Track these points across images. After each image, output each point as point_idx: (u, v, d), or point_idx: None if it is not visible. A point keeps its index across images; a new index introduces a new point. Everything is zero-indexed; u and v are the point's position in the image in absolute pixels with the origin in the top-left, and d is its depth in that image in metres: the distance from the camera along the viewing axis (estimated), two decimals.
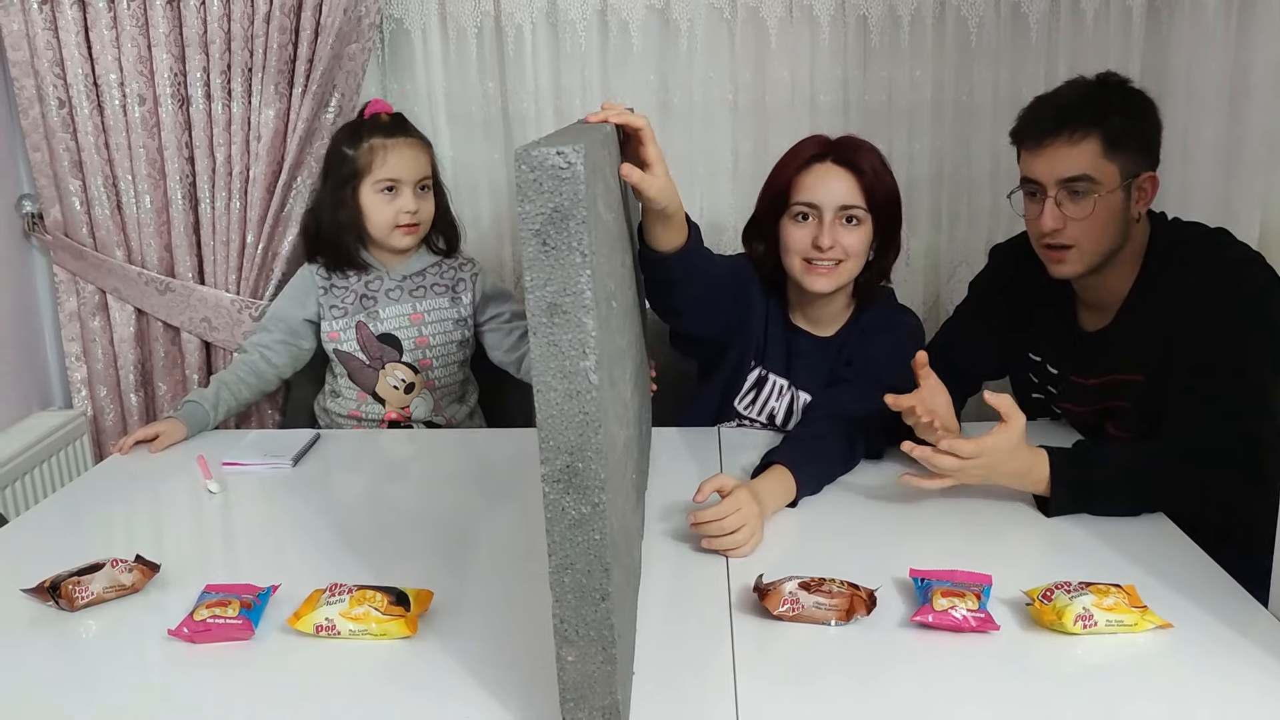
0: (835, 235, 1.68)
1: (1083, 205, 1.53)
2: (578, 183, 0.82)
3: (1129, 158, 1.54)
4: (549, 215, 0.83)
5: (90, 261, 2.26)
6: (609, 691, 0.93)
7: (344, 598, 1.16)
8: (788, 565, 1.25)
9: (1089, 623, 1.13)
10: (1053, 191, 1.55)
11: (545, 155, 0.82)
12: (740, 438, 1.79)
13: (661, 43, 2.32)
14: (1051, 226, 1.55)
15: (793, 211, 1.71)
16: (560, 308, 0.85)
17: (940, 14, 2.28)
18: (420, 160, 2.00)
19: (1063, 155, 1.53)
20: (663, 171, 1.36)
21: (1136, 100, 1.58)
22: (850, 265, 1.72)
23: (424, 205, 2.01)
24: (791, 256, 1.73)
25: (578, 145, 0.82)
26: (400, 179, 1.97)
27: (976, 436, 1.39)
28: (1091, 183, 1.52)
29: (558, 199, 0.82)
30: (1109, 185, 1.53)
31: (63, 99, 2.17)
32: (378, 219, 1.99)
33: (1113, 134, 1.52)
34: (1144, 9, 2.24)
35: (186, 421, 1.84)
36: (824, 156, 1.72)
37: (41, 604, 1.24)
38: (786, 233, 1.73)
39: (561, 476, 0.88)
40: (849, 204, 1.69)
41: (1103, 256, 1.58)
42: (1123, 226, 1.56)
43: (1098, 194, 1.52)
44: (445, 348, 2.07)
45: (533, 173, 0.82)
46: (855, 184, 1.69)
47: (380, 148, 1.96)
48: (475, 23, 2.32)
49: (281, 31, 2.11)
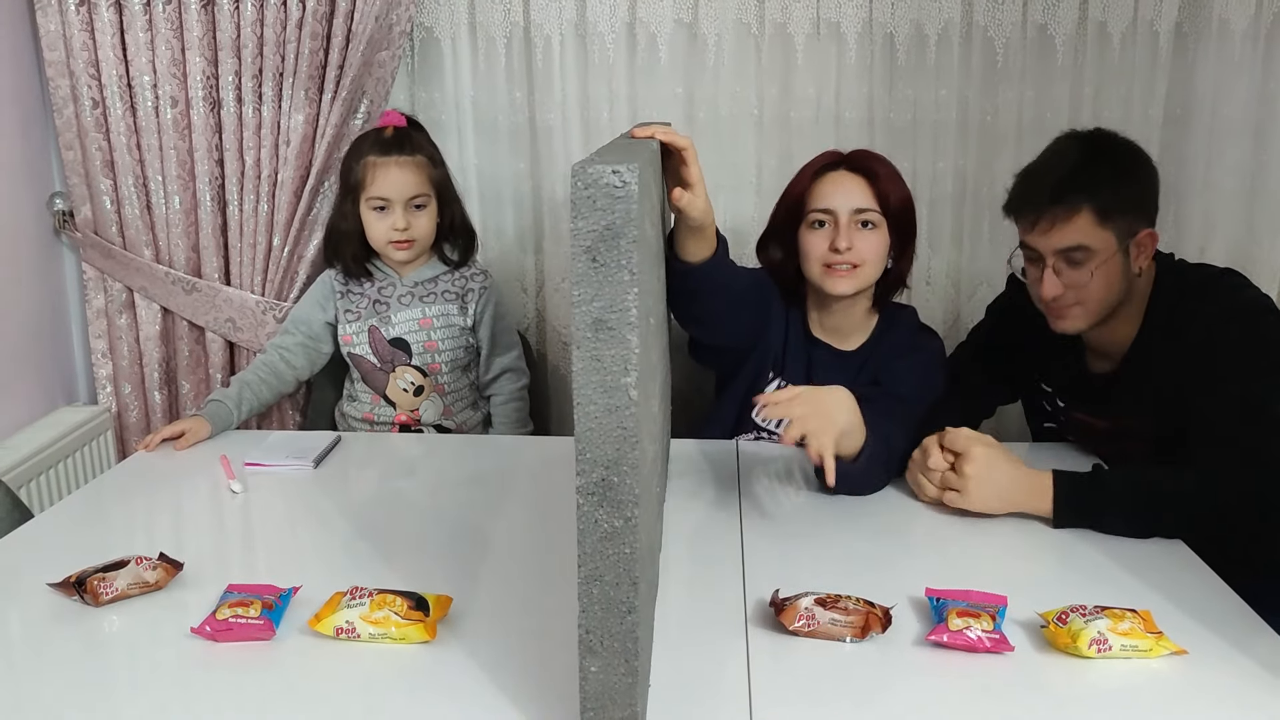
0: (851, 238, 1.70)
1: (1081, 273, 1.54)
2: (631, 202, 0.83)
3: (1124, 222, 1.53)
4: (601, 233, 0.84)
5: (118, 260, 2.29)
6: (629, 703, 0.94)
7: (364, 601, 1.17)
8: (804, 581, 1.26)
9: (1104, 647, 1.13)
10: (1050, 261, 1.55)
11: (601, 173, 0.83)
12: (759, 450, 1.79)
13: (689, 56, 2.34)
14: (1051, 294, 1.56)
15: (809, 219, 1.74)
16: (606, 324, 0.85)
17: (967, 34, 2.29)
18: (412, 180, 1.99)
19: (1056, 230, 1.53)
20: (703, 191, 1.41)
21: (1126, 162, 1.57)
22: (868, 270, 1.73)
23: (417, 222, 2.02)
24: (811, 263, 1.75)
25: (633, 165, 0.83)
26: (390, 198, 1.98)
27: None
28: (1088, 252, 1.52)
29: (611, 217, 0.83)
30: (1106, 253, 1.52)
31: (96, 99, 2.20)
32: (373, 234, 2.02)
33: (1105, 204, 1.51)
34: (1171, 33, 2.24)
35: (211, 420, 1.86)
36: (837, 165, 1.75)
37: (66, 598, 1.26)
38: (805, 241, 1.75)
39: (596, 490, 0.89)
40: (863, 207, 1.71)
41: (1105, 312, 1.58)
42: (1124, 284, 1.57)
43: (1094, 262, 1.52)
44: (453, 353, 2.09)
45: (587, 190, 0.83)
46: (868, 188, 1.72)
47: (372, 165, 1.98)
48: (505, 33, 2.34)
49: (313, 37, 2.14)
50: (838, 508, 1.55)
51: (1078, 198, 1.51)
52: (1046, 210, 1.53)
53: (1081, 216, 1.51)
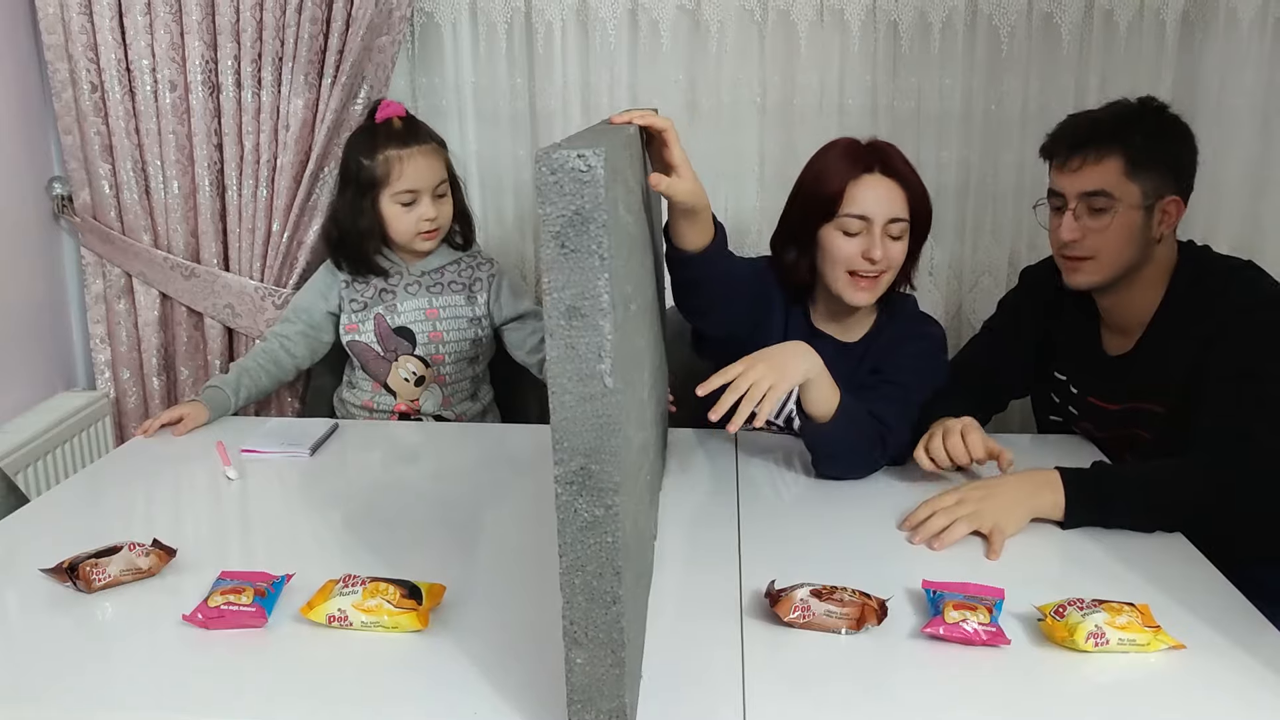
0: (885, 247, 1.67)
1: (1101, 219, 1.56)
2: (598, 186, 0.82)
3: (1153, 179, 1.55)
4: (569, 218, 0.83)
5: (117, 245, 2.28)
6: (617, 695, 0.93)
7: (357, 589, 1.17)
8: (800, 572, 1.25)
9: (1101, 640, 1.12)
10: (1073, 204, 1.58)
11: (565, 158, 0.82)
12: (758, 440, 1.79)
13: (691, 43, 2.32)
14: (1068, 238, 1.59)
15: (842, 223, 1.67)
16: (579, 311, 0.84)
17: (972, 22, 2.27)
18: (435, 166, 1.99)
19: (1085, 171, 1.56)
20: (689, 173, 1.37)
21: (1169, 124, 1.59)
22: (889, 276, 1.71)
23: (443, 210, 2.01)
24: (836, 268, 1.69)
25: (598, 148, 0.82)
26: (419, 189, 1.97)
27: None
28: (1110, 199, 1.55)
29: (578, 202, 0.82)
30: (1129, 203, 1.55)
31: (95, 83, 2.19)
32: (399, 227, 1.99)
33: (1136, 154, 1.54)
34: (1178, 22, 2.22)
35: (209, 405, 1.86)
36: (871, 167, 1.69)
37: (60, 584, 1.25)
38: (832, 243, 1.69)
39: (575, 479, 0.88)
40: (899, 216, 1.67)
41: (1119, 270, 1.59)
42: (1142, 245, 1.58)
43: (1116, 210, 1.55)
44: (458, 345, 2.08)
45: (553, 175, 0.82)
46: (903, 196, 1.68)
47: (396, 159, 1.94)
48: (505, 18, 2.33)
49: (313, 22, 2.12)
50: (836, 499, 1.54)
51: (1112, 141, 1.54)
52: (1080, 148, 1.56)
53: (1111, 161, 1.54)
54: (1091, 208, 1.56)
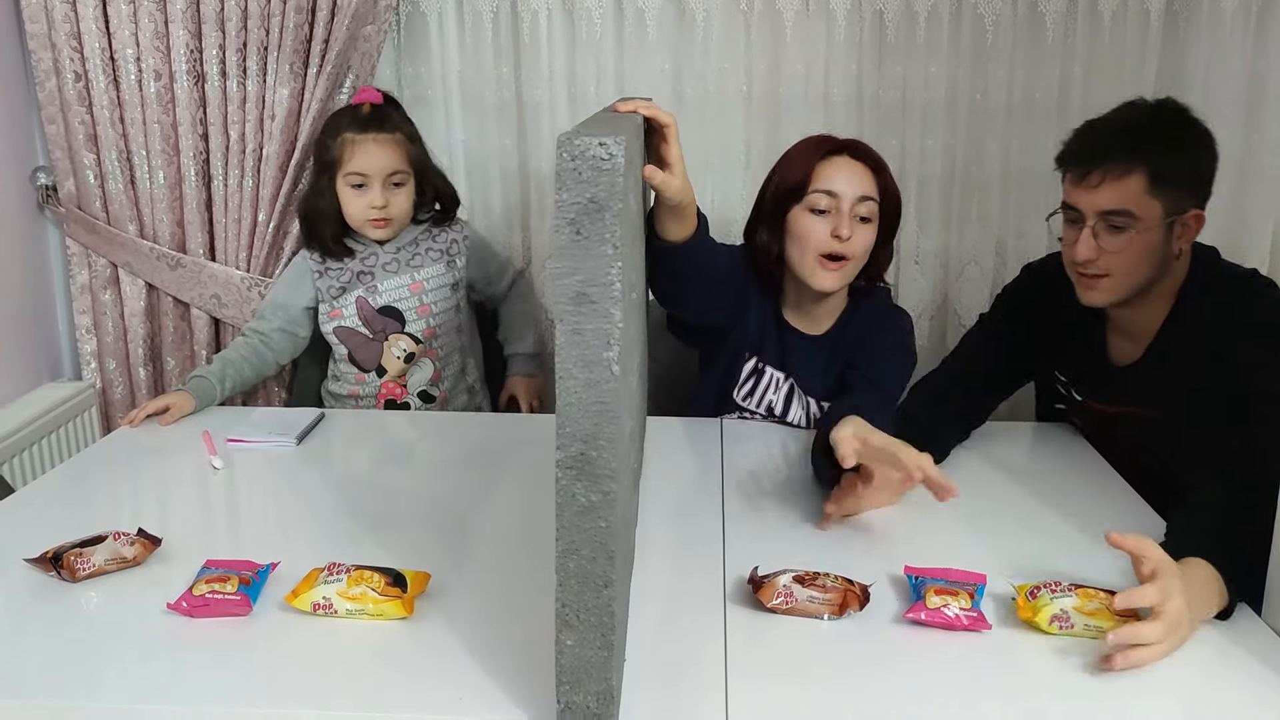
0: (852, 228, 1.67)
1: (1119, 238, 1.48)
2: (616, 174, 0.82)
3: (1175, 195, 1.47)
4: (585, 205, 0.83)
5: (103, 235, 2.27)
6: (604, 677, 0.94)
7: (342, 577, 1.17)
8: (783, 558, 1.26)
9: (1065, 624, 1.13)
10: (1091, 221, 1.49)
11: (587, 145, 0.82)
12: (742, 429, 1.79)
13: (677, 32, 2.32)
14: (1085, 257, 1.50)
15: (810, 202, 1.68)
16: (588, 297, 0.85)
17: (957, 11, 2.27)
18: (390, 156, 1.99)
19: (1105, 188, 1.47)
20: (682, 171, 1.39)
21: (1192, 134, 1.51)
22: (853, 265, 1.72)
23: (395, 200, 2.02)
24: (805, 252, 1.70)
25: (619, 137, 0.82)
26: (368, 174, 1.98)
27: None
28: (1131, 218, 1.46)
29: (595, 189, 0.83)
30: (1149, 222, 1.47)
31: (79, 72, 2.18)
32: (350, 210, 2.02)
33: (1160, 171, 1.45)
34: (1162, 12, 2.23)
35: (195, 395, 1.86)
36: (840, 150, 1.72)
37: (44, 574, 1.25)
38: (801, 225, 1.70)
39: (575, 464, 0.89)
40: (868, 195, 1.68)
41: (1135, 288, 1.53)
42: (1160, 262, 1.51)
43: (1136, 230, 1.47)
44: (447, 314, 2.09)
45: (573, 161, 0.82)
46: (872, 177, 1.70)
47: (350, 142, 1.97)
48: (491, 7, 2.32)
49: (298, 11, 2.12)
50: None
51: (1134, 157, 1.45)
52: (1101, 163, 1.46)
53: (1134, 178, 1.45)
54: (1110, 225, 1.47)
